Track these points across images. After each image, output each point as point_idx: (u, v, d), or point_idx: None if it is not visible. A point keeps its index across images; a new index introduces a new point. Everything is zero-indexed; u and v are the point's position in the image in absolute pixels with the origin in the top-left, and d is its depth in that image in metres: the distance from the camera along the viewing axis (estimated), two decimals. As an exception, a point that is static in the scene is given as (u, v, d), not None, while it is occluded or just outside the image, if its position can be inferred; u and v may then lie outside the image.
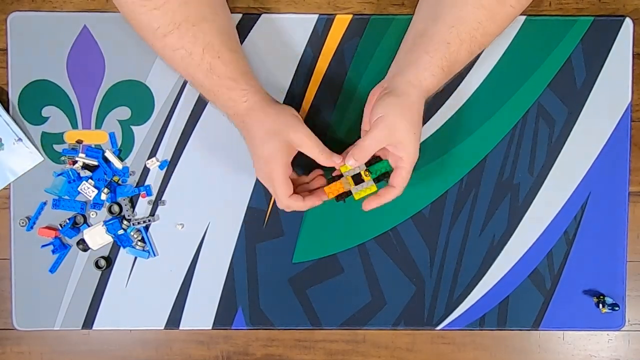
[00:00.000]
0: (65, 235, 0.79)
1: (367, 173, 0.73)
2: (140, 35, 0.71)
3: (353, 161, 0.71)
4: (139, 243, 0.80)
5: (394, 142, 0.70)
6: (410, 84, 0.70)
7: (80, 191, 0.78)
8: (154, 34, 0.69)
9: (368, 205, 0.72)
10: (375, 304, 0.81)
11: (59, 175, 0.79)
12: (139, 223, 0.79)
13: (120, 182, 0.80)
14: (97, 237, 0.79)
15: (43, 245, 0.79)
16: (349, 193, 0.73)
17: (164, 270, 0.80)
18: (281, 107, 0.73)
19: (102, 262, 0.80)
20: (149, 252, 0.80)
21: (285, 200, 0.72)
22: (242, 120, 0.72)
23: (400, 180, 0.71)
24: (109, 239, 0.79)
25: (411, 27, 0.76)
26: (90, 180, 0.78)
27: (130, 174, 0.80)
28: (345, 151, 0.73)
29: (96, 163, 0.79)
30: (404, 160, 0.70)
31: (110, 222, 0.79)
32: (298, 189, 0.75)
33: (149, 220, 0.79)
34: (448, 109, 0.80)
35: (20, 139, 0.78)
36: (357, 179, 0.73)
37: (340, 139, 0.80)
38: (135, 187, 0.80)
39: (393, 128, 0.69)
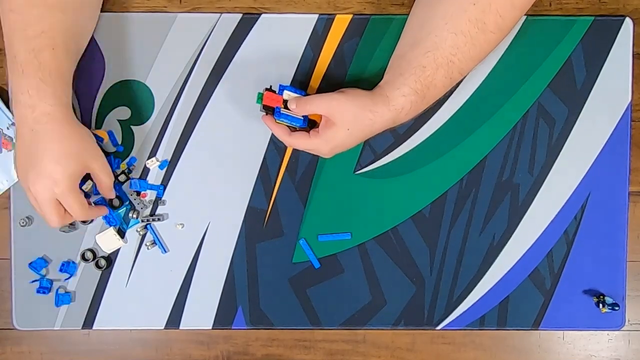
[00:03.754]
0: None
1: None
2: None
3: (294, 106, 0.72)
4: (149, 244, 0.80)
5: (331, 119, 0.71)
6: (381, 96, 0.71)
7: (85, 190, 0.79)
8: None
9: (266, 121, 0.74)
10: (375, 304, 0.81)
11: None
12: (148, 220, 0.79)
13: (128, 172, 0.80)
14: (109, 241, 0.79)
15: (35, 286, 0.79)
16: (274, 110, 0.74)
17: (164, 270, 0.80)
18: (83, 128, 0.71)
19: (103, 262, 0.80)
20: (163, 248, 0.80)
21: (86, 213, 0.72)
22: (37, 123, 0.67)
23: (297, 140, 0.73)
24: (120, 244, 0.80)
25: (394, 52, 0.76)
26: (89, 181, 0.79)
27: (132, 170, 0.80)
28: None
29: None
30: (318, 135, 0.72)
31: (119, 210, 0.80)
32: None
33: (158, 219, 0.79)
34: (448, 109, 0.80)
35: (14, 123, 0.78)
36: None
37: (340, 139, 0.80)
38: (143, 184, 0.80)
39: (340, 105, 0.70)
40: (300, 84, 0.79)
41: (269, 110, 0.74)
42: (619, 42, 0.80)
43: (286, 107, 0.74)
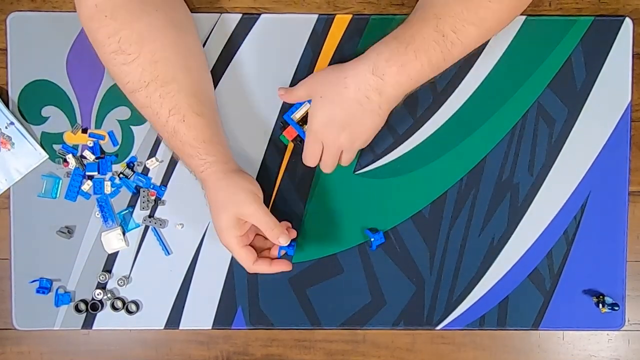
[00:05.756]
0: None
1: None
2: None
3: (282, 93, 0.77)
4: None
5: (309, 95, 0.74)
6: (356, 59, 0.71)
7: (85, 191, 0.79)
8: (124, 88, 0.71)
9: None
10: (375, 304, 0.81)
11: (46, 177, 0.79)
12: (152, 222, 0.79)
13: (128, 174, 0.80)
14: (114, 240, 0.79)
15: (35, 286, 0.79)
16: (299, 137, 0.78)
17: (164, 270, 0.80)
18: (238, 180, 0.72)
19: (133, 307, 0.80)
20: (167, 250, 0.80)
21: (251, 267, 0.73)
22: (202, 186, 0.74)
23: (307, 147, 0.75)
24: (123, 245, 0.80)
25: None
26: (89, 181, 0.79)
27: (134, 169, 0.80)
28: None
29: (93, 157, 0.79)
30: (309, 123, 0.73)
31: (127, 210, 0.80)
32: (263, 253, 0.76)
33: (160, 225, 0.80)
34: (448, 108, 0.80)
35: (12, 123, 0.78)
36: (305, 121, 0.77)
37: (340, 139, 0.80)
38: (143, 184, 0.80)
39: (311, 79, 0.74)
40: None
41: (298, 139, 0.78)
42: (619, 42, 0.80)
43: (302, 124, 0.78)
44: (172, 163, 0.80)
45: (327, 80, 0.72)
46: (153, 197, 0.80)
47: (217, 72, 0.79)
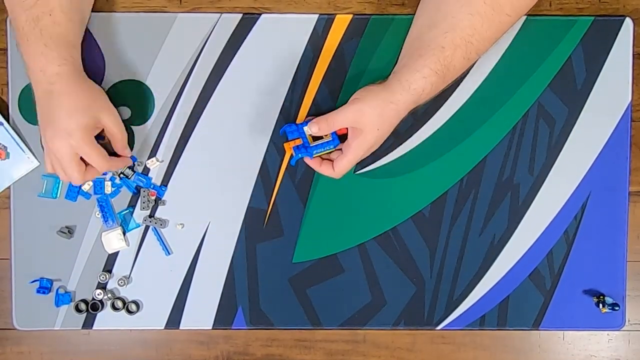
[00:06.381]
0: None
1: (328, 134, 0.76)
2: None
3: (316, 129, 0.73)
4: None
5: (358, 127, 0.72)
6: (399, 82, 0.71)
7: (85, 191, 0.79)
8: None
9: (310, 163, 0.76)
10: (375, 304, 0.81)
11: (46, 176, 0.79)
12: (153, 222, 0.79)
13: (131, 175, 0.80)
14: (114, 240, 0.79)
15: (35, 286, 0.79)
16: (305, 149, 0.76)
17: (164, 270, 0.80)
18: (93, 85, 0.74)
19: (133, 307, 0.80)
20: (167, 250, 0.80)
21: (105, 164, 0.72)
22: (50, 84, 0.70)
23: (339, 166, 0.74)
24: (124, 245, 0.80)
25: (408, 35, 0.77)
26: (89, 181, 0.79)
27: (135, 168, 0.80)
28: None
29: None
30: (351, 148, 0.72)
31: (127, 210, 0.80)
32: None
33: (161, 225, 0.80)
34: (448, 108, 0.80)
35: (1, 123, 0.78)
36: (317, 137, 0.76)
37: (340, 139, 0.80)
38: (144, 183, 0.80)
39: (362, 113, 0.71)
40: (300, 84, 0.79)
41: (302, 153, 0.75)
42: (619, 42, 0.80)
43: (315, 139, 0.75)
44: (173, 163, 0.80)
45: (383, 115, 0.71)
46: (153, 197, 0.80)
47: (218, 72, 0.79)
